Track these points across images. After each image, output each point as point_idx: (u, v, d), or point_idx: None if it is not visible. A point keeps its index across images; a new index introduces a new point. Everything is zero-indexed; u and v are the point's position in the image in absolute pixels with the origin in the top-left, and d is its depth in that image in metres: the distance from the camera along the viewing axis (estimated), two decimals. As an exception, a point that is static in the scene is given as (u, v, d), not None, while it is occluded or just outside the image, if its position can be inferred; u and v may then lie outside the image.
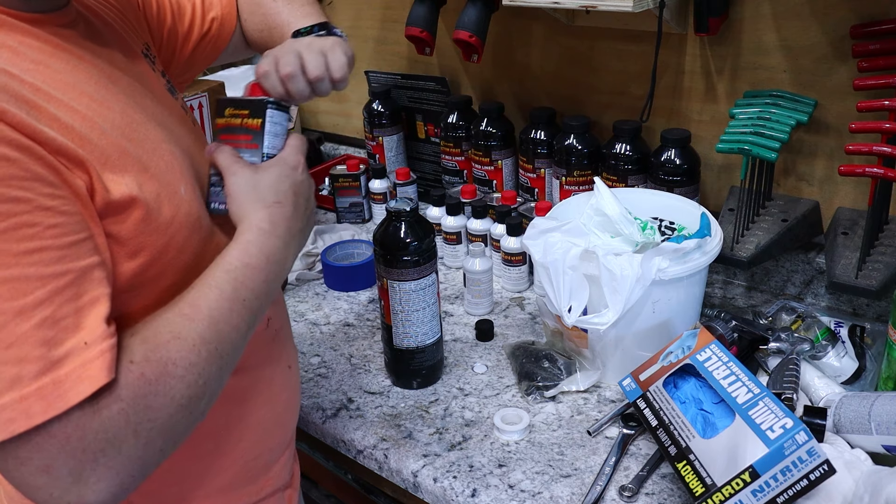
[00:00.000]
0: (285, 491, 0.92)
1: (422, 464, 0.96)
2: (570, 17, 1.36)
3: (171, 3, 0.95)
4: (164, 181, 0.68)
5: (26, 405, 0.54)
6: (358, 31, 1.74)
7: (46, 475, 0.56)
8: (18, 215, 0.55)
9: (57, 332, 0.56)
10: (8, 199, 0.54)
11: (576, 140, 1.34)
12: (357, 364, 1.18)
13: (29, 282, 0.55)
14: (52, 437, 0.56)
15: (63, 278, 0.57)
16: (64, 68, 0.65)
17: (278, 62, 0.83)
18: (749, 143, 1.08)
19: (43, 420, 0.55)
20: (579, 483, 0.91)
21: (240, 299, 0.68)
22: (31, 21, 0.65)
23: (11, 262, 0.54)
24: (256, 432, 0.84)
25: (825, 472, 0.74)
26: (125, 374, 0.59)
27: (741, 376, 0.85)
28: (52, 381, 0.55)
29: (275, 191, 0.75)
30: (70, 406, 0.55)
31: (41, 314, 0.55)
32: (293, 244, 0.76)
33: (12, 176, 0.55)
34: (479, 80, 1.59)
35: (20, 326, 0.54)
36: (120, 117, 0.67)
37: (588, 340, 1.06)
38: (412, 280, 1.02)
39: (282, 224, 0.74)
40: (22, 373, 0.54)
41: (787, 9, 1.14)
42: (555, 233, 1.05)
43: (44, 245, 0.56)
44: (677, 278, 0.98)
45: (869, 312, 1.18)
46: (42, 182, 0.57)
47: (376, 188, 1.61)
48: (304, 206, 0.78)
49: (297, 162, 0.79)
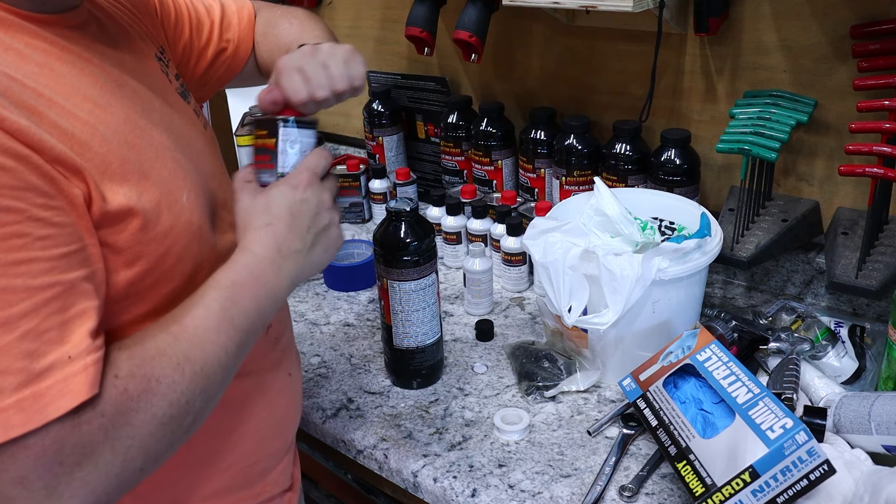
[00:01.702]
0: (284, 495, 0.91)
1: (422, 464, 0.96)
2: (570, 17, 1.36)
3: (190, 18, 0.95)
4: (164, 189, 0.68)
5: (5, 417, 0.54)
6: (358, 31, 1.74)
7: (21, 487, 0.55)
8: (9, 225, 0.54)
9: (40, 344, 0.55)
10: (1, 209, 0.54)
11: (576, 140, 1.34)
12: (357, 364, 1.18)
13: (15, 293, 0.54)
14: (29, 449, 0.55)
15: (50, 290, 0.56)
16: (69, 72, 0.65)
17: (308, 77, 0.82)
18: (749, 143, 1.08)
19: (21, 433, 0.54)
20: (579, 483, 0.91)
21: (228, 318, 0.68)
22: (41, 22, 0.65)
23: (0, 272, 0.54)
24: (254, 438, 0.84)
25: (825, 472, 0.74)
26: (109, 389, 0.59)
27: (741, 376, 0.85)
28: (33, 395, 0.54)
29: (267, 213, 0.75)
30: (49, 420, 0.55)
31: (25, 326, 0.55)
32: (287, 264, 0.75)
33: (5, 185, 0.54)
34: (479, 80, 1.59)
35: (3, 338, 0.54)
36: (123, 123, 0.67)
37: (588, 340, 1.06)
38: (412, 280, 1.02)
39: (271, 244, 0.74)
40: (2, 384, 0.54)
41: (787, 9, 1.14)
42: (555, 233, 1.05)
43: (32, 256, 0.55)
44: (677, 278, 0.98)
45: (869, 312, 1.18)
46: (36, 192, 0.56)
47: (376, 188, 1.61)
48: (304, 225, 0.76)
49: (300, 181, 0.77)
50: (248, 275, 0.71)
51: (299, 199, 0.76)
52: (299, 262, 0.76)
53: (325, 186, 0.79)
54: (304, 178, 0.77)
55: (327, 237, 0.79)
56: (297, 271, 0.76)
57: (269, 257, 0.73)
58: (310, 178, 0.78)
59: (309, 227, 0.77)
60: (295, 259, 0.76)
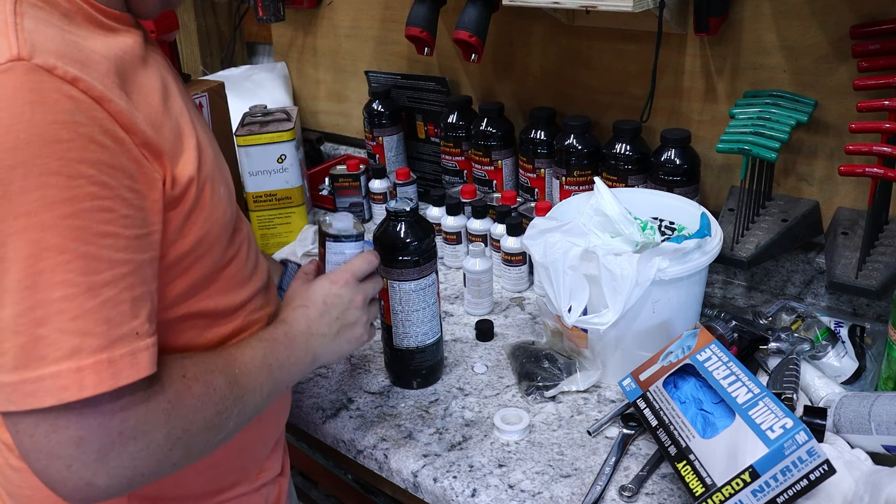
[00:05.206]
0: (276, 480, 0.94)
1: (422, 464, 0.96)
2: (570, 17, 1.36)
3: None
4: (210, 176, 0.72)
5: (81, 376, 0.57)
6: (358, 31, 1.74)
7: (75, 447, 0.59)
8: (103, 199, 0.58)
9: (116, 314, 0.59)
10: (97, 181, 0.58)
11: (576, 140, 1.34)
12: (357, 364, 1.18)
13: (101, 262, 0.58)
14: (98, 412, 0.59)
15: (126, 266, 0.60)
16: (138, 64, 0.69)
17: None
18: (749, 143, 1.08)
19: (93, 394, 0.57)
20: (579, 483, 0.91)
21: (267, 364, 0.77)
22: (113, 18, 0.69)
23: (90, 239, 0.58)
24: (254, 428, 0.85)
25: (825, 472, 0.74)
26: (177, 383, 0.65)
27: (741, 376, 0.85)
28: (108, 359, 0.58)
29: (305, 298, 0.86)
30: (120, 385, 0.59)
31: (106, 294, 0.58)
32: (313, 342, 0.84)
33: (104, 162, 0.59)
34: (479, 80, 1.59)
35: (88, 301, 0.57)
36: (180, 114, 0.71)
37: (588, 340, 1.06)
38: (412, 280, 1.02)
39: (302, 322, 0.84)
40: (83, 345, 0.57)
41: (787, 9, 1.14)
42: (555, 233, 1.05)
43: (117, 231, 0.59)
44: (677, 278, 0.98)
45: (869, 312, 1.18)
46: (125, 174, 0.61)
47: (376, 188, 1.61)
48: (333, 315, 0.86)
49: (338, 278, 0.88)
50: (284, 338, 0.81)
51: (335, 293, 0.87)
52: (324, 345, 0.86)
53: (360, 288, 0.89)
54: (342, 276, 0.88)
55: (352, 332, 0.89)
56: (320, 351, 0.85)
57: (300, 331, 0.83)
58: (347, 278, 0.88)
59: (337, 318, 0.87)
60: (321, 341, 0.85)
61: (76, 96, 0.58)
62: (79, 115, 0.58)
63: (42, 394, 0.57)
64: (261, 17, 1.65)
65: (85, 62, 0.60)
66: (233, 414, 0.71)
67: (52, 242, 0.56)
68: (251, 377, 0.74)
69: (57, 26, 0.62)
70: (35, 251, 0.56)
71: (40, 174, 0.56)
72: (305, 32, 1.87)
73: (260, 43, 2.07)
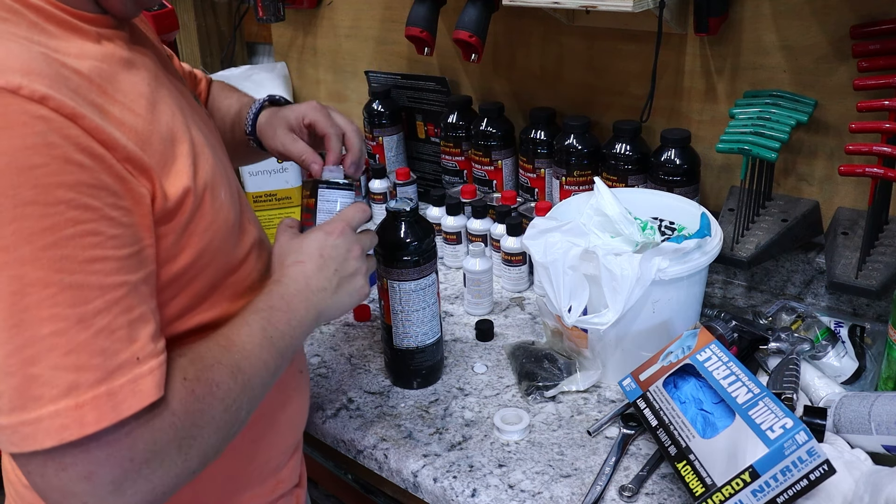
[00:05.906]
0: (294, 491, 0.93)
1: (422, 464, 0.96)
2: (570, 17, 1.36)
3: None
4: (209, 182, 0.70)
5: (80, 414, 0.55)
6: (358, 31, 1.74)
7: (87, 482, 0.56)
8: (86, 223, 0.55)
9: (112, 342, 0.57)
10: (78, 205, 0.55)
11: (576, 140, 1.34)
12: (357, 364, 1.18)
13: (91, 290, 0.56)
14: (103, 445, 0.56)
15: (119, 290, 0.58)
16: (121, 70, 0.66)
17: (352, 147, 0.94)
18: (749, 143, 1.08)
19: (96, 430, 0.55)
20: (579, 483, 0.91)
21: (267, 337, 0.72)
22: (89, 21, 0.66)
23: (76, 268, 0.55)
24: (270, 435, 0.85)
25: (825, 472, 0.74)
26: (179, 390, 0.62)
27: (741, 376, 0.85)
28: (107, 392, 0.56)
29: (299, 252, 0.81)
30: (122, 418, 0.56)
31: (99, 323, 0.56)
32: (313, 299, 0.79)
33: (84, 183, 0.56)
34: (479, 80, 1.59)
35: (80, 334, 0.55)
36: (171, 119, 0.68)
37: (588, 340, 1.06)
38: (412, 280, 1.02)
39: (300, 279, 0.79)
40: (79, 380, 0.55)
41: (787, 9, 1.14)
42: (555, 233, 1.05)
43: (106, 255, 0.57)
44: (677, 278, 0.98)
45: (869, 312, 1.18)
46: (108, 192, 0.57)
47: (376, 188, 1.61)
48: (331, 268, 0.81)
49: (333, 228, 0.83)
50: (281, 302, 0.76)
51: (330, 244, 0.82)
52: (325, 300, 0.81)
53: (357, 238, 0.85)
54: (337, 226, 0.83)
55: (352, 284, 0.84)
56: (322, 308, 0.81)
57: (298, 290, 0.78)
58: (343, 227, 0.84)
59: (336, 271, 0.82)
60: (321, 297, 0.80)
61: (46, 115, 0.54)
62: (51, 136, 0.54)
63: (41, 435, 0.54)
64: (261, 17, 1.65)
65: (54, 77, 0.57)
66: (242, 403, 0.68)
67: (34, 277, 0.53)
68: (254, 358, 0.70)
69: (23, 39, 0.58)
70: (18, 287, 0.53)
71: (15, 206, 0.53)
72: (305, 32, 1.87)
73: (260, 43, 2.07)
